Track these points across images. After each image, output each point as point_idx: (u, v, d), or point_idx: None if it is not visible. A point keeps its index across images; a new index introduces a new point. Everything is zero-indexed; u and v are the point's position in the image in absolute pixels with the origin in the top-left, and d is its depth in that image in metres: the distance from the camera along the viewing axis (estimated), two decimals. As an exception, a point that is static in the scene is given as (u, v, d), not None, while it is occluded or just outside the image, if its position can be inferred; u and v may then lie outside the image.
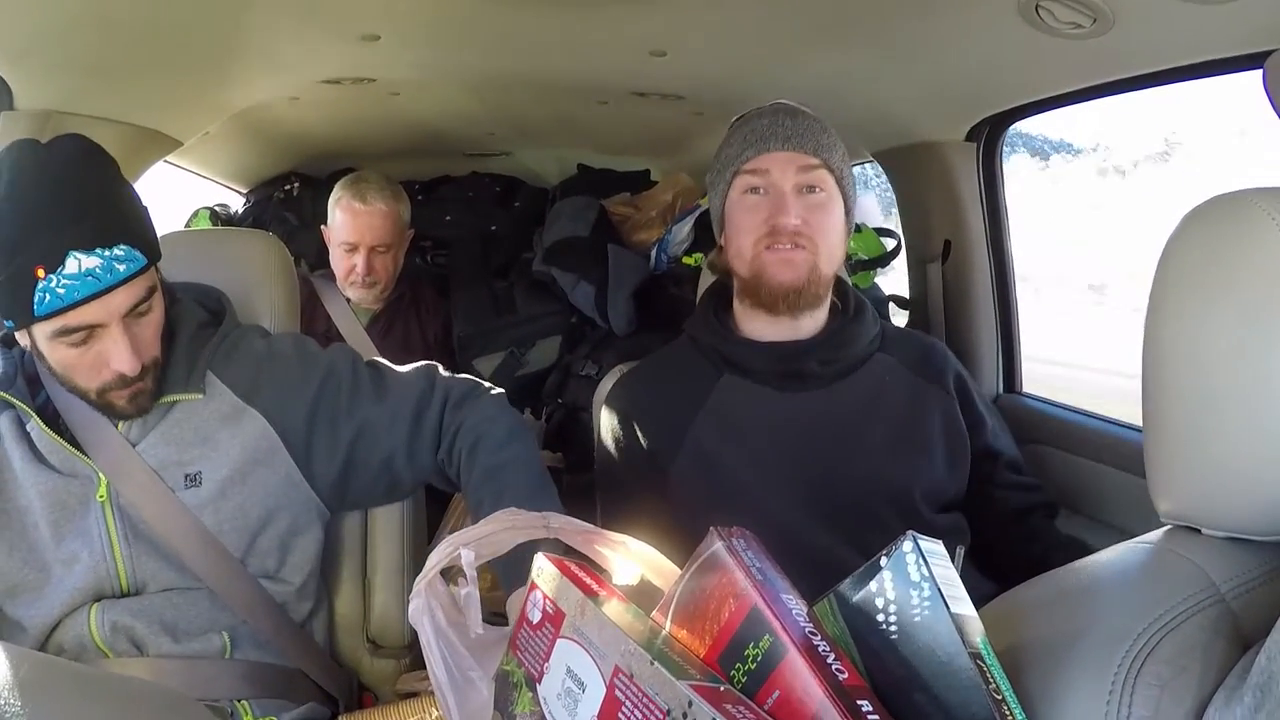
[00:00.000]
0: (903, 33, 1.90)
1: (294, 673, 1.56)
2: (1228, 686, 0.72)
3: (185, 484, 1.49)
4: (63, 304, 1.30)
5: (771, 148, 1.62)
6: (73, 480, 1.46)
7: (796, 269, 1.62)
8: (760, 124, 1.65)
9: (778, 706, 0.76)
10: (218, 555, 1.49)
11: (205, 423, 1.52)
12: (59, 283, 1.29)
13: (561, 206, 3.11)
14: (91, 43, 1.82)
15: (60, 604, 1.44)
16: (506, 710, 0.94)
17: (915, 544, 0.80)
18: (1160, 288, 0.87)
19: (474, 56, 2.41)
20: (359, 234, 2.68)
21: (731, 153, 1.67)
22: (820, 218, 1.62)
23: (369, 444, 1.60)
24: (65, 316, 1.32)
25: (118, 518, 1.46)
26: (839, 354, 1.68)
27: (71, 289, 1.30)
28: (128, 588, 1.47)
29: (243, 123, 2.88)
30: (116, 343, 1.37)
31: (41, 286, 1.28)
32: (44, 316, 1.31)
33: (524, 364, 3.04)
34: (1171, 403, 0.86)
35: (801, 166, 1.62)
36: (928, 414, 1.67)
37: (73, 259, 1.29)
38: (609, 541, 1.03)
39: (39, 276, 1.28)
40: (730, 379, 1.69)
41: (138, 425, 1.49)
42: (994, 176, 2.42)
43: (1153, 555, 0.88)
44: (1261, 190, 0.83)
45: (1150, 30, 1.56)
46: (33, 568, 1.45)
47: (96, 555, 1.45)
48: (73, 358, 1.38)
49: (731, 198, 1.67)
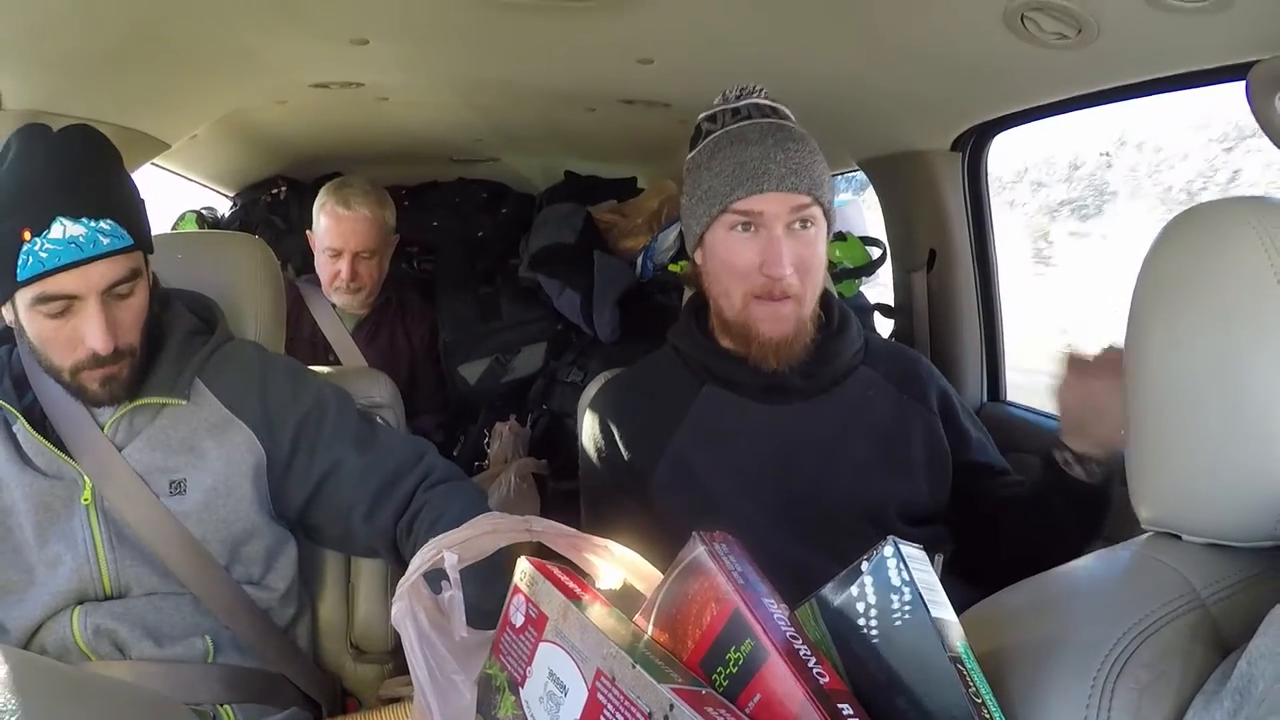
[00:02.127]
0: (889, 42, 1.90)
1: (277, 678, 1.56)
2: (1207, 691, 0.72)
3: (170, 490, 1.48)
4: (44, 268, 1.33)
5: (765, 188, 1.53)
6: (58, 482, 1.45)
7: (784, 324, 1.58)
8: (750, 156, 1.55)
9: (759, 710, 0.76)
10: (201, 561, 1.49)
11: (192, 431, 1.52)
12: (43, 246, 1.32)
13: (548, 213, 3.12)
14: (79, 43, 1.82)
15: (43, 606, 1.43)
16: (489, 714, 0.94)
17: (896, 549, 0.80)
18: (1141, 296, 0.87)
19: (462, 63, 2.41)
20: (343, 239, 2.67)
21: (719, 186, 1.56)
22: (809, 255, 1.57)
23: (334, 486, 1.59)
24: (45, 283, 1.34)
25: (102, 521, 1.45)
26: (821, 369, 1.65)
27: (54, 254, 1.32)
28: (111, 591, 1.46)
29: (230, 126, 2.88)
30: (91, 319, 1.38)
31: (26, 249, 1.32)
32: (26, 281, 1.34)
33: (509, 370, 3.05)
34: (1152, 410, 0.86)
35: (795, 206, 1.54)
36: (910, 431, 1.65)
37: (58, 224, 1.32)
38: (592, 546, 1.03)
39: (25, 239, 1.32)
40: (711, 390, 1.67)
41: (124, 429, 1.49)
42: (979, 186, 2.43)
43: (1133, 561, 0.89)
44: (1242, 199, 0.84)
45: (1134, 41, 1.57)
46: (16, 569, 1.44)
47: (80, 558, 1.44)
48: (50, 330, 1.40)
49: (716, 232, 1.59)
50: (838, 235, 2.83)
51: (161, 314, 1.55)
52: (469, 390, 3.00)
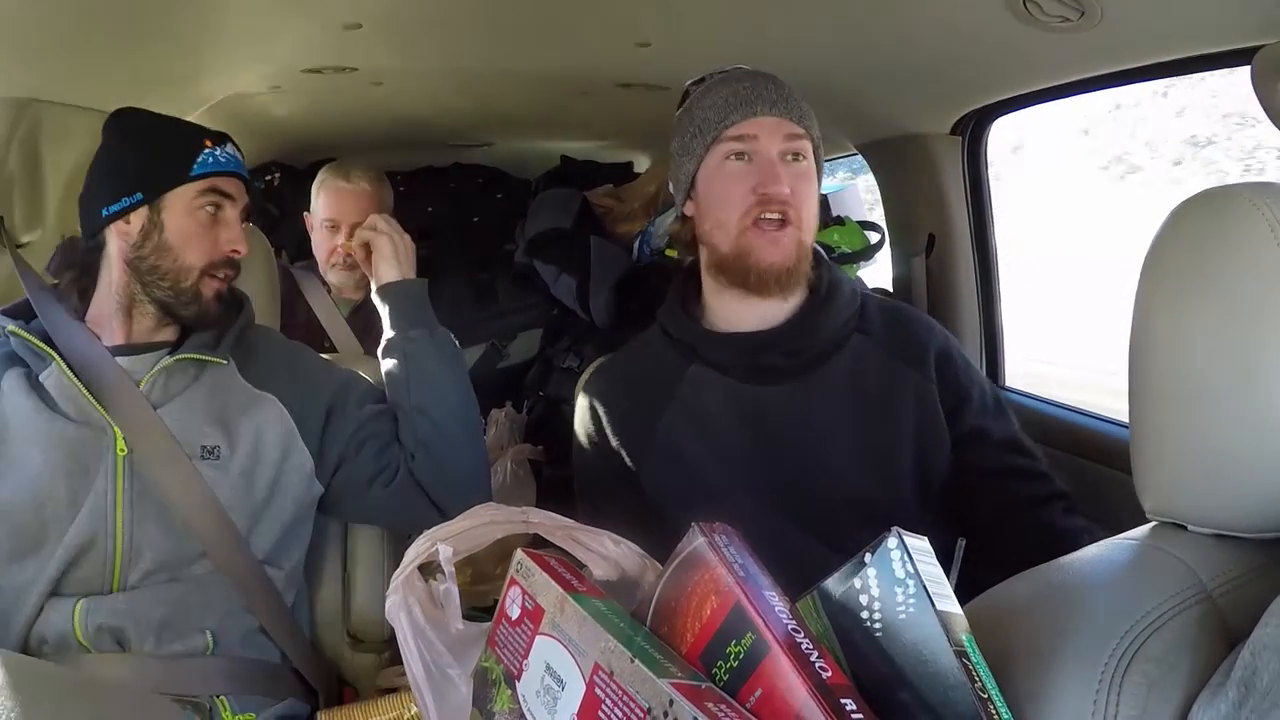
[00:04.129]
0: (889, 25, 1.89)
1: (275, 667, 1.56)
2: (1213, 683, 0.72)
3: (202, 455, 1.51)
4: (221, 167, 1.58)
5: (759, 112, 1.54)
6: (87, 430, 1.47)
7: (784, 248, 1.55)
8: (742, 87, 1.57)
9: (760, 704, 0.75)
10: (224, 528, 1.50)
11: (227, 403, 1.56)
12: (221, 153, 1.59)
13: (544, 198, 3.10)
14: (70, 30, 1.80)
15: (56, 560, 1.42)
16: (485, 708, 0.93)
17: (900, 540, 0.79)
18: (1147, 282, 0.87)
19: (457, 46, 2.40)
20: (342, 211, 2.65)
21: (711, 116, 1.57)
22: (805, 188, 1.56)
23: (366, 454, 1.65)
24: (218, 179, 1.57)
25: (128, 476, 1.47)
26: (804, 344, 1.61)
27: (230, 160, 1.61)
28: (120, 552, 1.46)
29: (223, 112, 2.85)
30: (235, 225, 1.60)
31: (206, 152, 1.57)
32: (201, 176, 1.56)
33: (505, 356, 3.04)
34: (1158, 398, 0.86)
35: (789, 134, 1.55)
36: (900, 405, 1.58)
37: (230, 146, 1.62)
38: (589, 537, 1.02)
39: (207, 145, 1.58)
40: (698, 369, 1.63)
41: (160, 388, 1.53)
42: (979, 170, 2.42)
43: (1139, 552, 0.88)
44: (1249, 185, 0.83)
45: (1137, 24, 1.56)
46: (36, 517, 1.44)
47: (98, 512, 1.45)
48: (200, 227, 1.57)
49: (710, 164, 1.58)
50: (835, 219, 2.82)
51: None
52: (465, 376, 2.99)
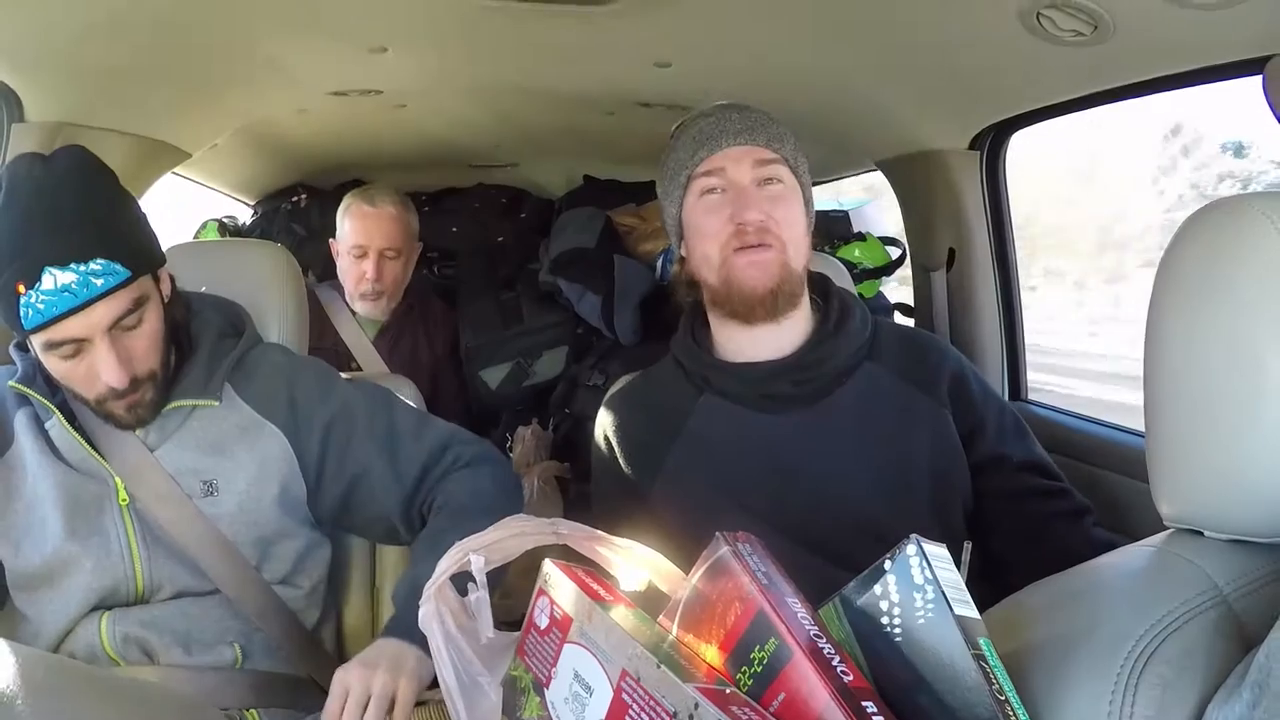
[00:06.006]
0: (904, 42, 1.90)
1: (303, 681, 1.57)
2: (1228, 685, 0.72)
3: (203, 492, 1.50)
4: (44, 319, 1.33)
5: (724, 145, 1.57)
6: (89, 479, 1.47)
7: (767, 270, 1.55)
8: (707, 124, 1.60)
9: (783, 708, 0.77)
10: (233, 561, 1.50)
11: (223, 434, 1.53)
12: (38, 298, 1.32)
13: (567, 218, 3.12)
14: (102, 55, 1.84)
15: (75, 604, 1.44)
16: (515, 715, 0.95)
17: (919, 547, 0.80)
18: (1161, 292, 0.87)
19: (480, 68, 2.42)
20: (368, 236, 2.69)
21: (682, 156, 1.61)
22: (783, 211, 1.57)
23: (366, 494, 1.60)
24: (49, 331, 1.35)
25: (135, 521, 1.47)
26: (814, 372, 1.60)
27: (50, 304, 1.32)
28: (142, 589, 1.48)
29: (251, 135, 2.90)
30: (104, 357, 1.38)
31: (24, 302, 1.32)
32: (31, 330, 1.35)
33: (531, 374, 3.05)
34: (1173, 406, 0.86)
35: (758, 160, 1.57)
36: (914, 434, 1.57)
37: (48, 275, 1.31)
38: (616, 547, 1.04)
39: (20, 292, 1.31)
40: (709, 399, 1.64)
41: (155, 430, 1.51)
42: (997, 185, 2.42)
43: (1155, 558, 0.89)
44: (1261, 195, 0.83)
45: (1150, 37, 1.56)
46: (46, 563, 1.45)
47: (115, 556, 1.46)
48: (66, 369, 1.41)
49: (689, 203, 1.62)
50: (857, 235, 2.83)
51: (190, 320, 1.57)
52: (491, 395, 3.00)
